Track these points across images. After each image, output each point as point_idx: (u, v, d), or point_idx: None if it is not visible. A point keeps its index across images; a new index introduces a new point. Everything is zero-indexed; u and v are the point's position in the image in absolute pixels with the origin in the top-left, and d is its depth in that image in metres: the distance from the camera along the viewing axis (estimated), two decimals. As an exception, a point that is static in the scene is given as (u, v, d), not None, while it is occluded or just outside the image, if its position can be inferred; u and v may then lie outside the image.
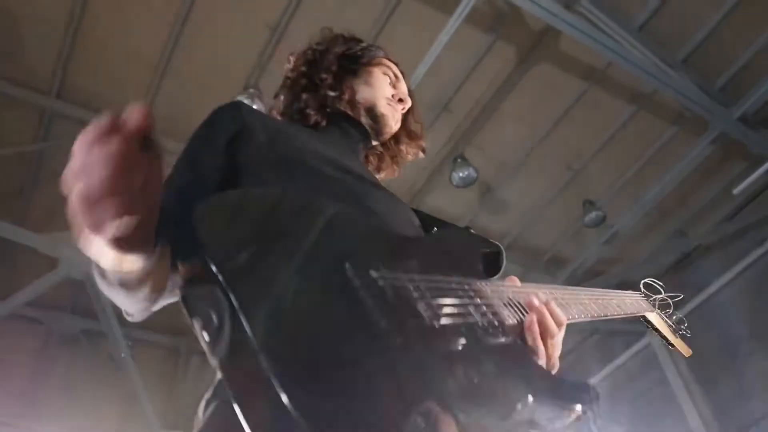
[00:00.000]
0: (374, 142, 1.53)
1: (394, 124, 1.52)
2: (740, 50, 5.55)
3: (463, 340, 0.86)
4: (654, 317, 1.65)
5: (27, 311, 6.49)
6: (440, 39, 4.49)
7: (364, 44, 1.59)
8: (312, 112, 1.45)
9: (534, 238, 7.24)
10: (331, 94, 1.45)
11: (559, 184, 6.64)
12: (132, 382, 5.71)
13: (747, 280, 7.08)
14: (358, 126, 1.47)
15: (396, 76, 1.57)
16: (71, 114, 5.17)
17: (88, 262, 0.90)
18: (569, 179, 6.58)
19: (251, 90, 4.86)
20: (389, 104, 1.51)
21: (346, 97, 1.47)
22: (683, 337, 1.72)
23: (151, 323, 7.58)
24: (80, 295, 5.98)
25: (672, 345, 1.70)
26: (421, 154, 1.65)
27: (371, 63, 1.54)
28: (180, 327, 7.57)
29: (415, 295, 0.85)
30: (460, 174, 5.84)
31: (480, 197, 6.60)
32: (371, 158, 1.59)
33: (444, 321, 0.86)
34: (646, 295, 1.67)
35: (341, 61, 1.50)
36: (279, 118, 1.50)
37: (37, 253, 5.03)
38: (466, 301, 0.95)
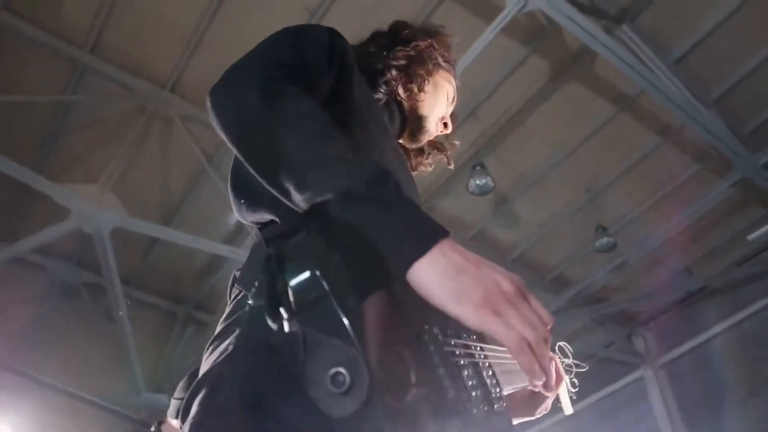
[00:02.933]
0: (413, 145, 1.54)
1: (425, 140, 1.54)
2: (776, 97, 5.52)
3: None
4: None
5: (33, 257, 6.57)
6: (476, 45, 4.48)
7: (447, 53, 1.58)
8: (382, 87, 1.41)
9: (542, 255, 7.23)
10: (410, 86, 1.43)
11: (574, 205, 6.63)
12: (125, 341, 5.75)
13: (746, 329, 7.04)
14: (404, 121, 1.47)
15: (453, 99, 1.57)
16: (102, 70, 5.21)
17: (99, 217, 0.92)
18: (585, 202, 6.56)
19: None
20: (437, 123, 1.51)
21: (413, 93, 1.44)
22: (570, 399, 1.74)
23: (152, 286, 7.64)
24: (87, 248, 6.04)
25: (558, 401, 1.71)
26: (428, 168, 1.65)
27: (442, 75, 1.53)
28: (180, 294, 7.63)
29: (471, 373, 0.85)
30: (478, 182, 5.83)
31: (494, 207, 6.59)
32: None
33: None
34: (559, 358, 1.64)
35: (425, 55, 1.48)
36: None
37: (51, 202, 5.07)
38: (483, 368, 0.91)
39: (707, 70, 5.34)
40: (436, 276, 0.76)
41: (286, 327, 0.67)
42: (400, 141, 1.52)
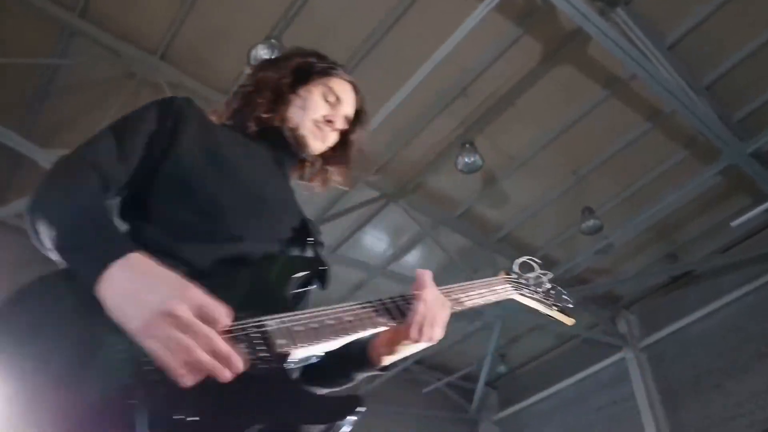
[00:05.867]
0: (303, 155, 1.64)
1: (316, 144, 1.62)
2: (766, 86, 5.52)
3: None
4: (523, 297, 1.71)
5: (18, 222, 6.53)
6: (468, 22, 4.45)
7: (319, 63, 1.68)
8: (249, 124, 1.58)
9: (528, 235, 7.27)
10: (265, 116, 1.57)
11: (562, 186, 6.65)
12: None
13: (728, 314, 7.14)
14: (284, 141, 1.59)
15: (338, 99, 1.65)
16: (91, 34, 5.14)
17: None
18: (573, 184, 6.59)
19: (272, 41, 4.83)
20: (316, 126, 1.60)
21: (280, 115, 1.59)
22: (564, 309, 1.78)
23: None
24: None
25: (551, 317, 1.79)
26: (341, 184, 1.77)
27: (316, 83, 1.65)
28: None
29: None
30: (467, 160, 5.84)
31: (482, 186, 6.61)
32: (305, 167, 1.72)
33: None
34: (518, 276, 1.74)
35: (283, 81, 1.61)
36: (220, 122, 1.62)
37: (37, 167, 5.04)
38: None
39: (699, 57, 5.34)
40: (107, 302, 0.96)
41: None
42: (304, 155, 1.64)
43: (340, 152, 1.71)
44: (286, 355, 1.09)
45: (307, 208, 1.58)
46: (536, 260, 1.77)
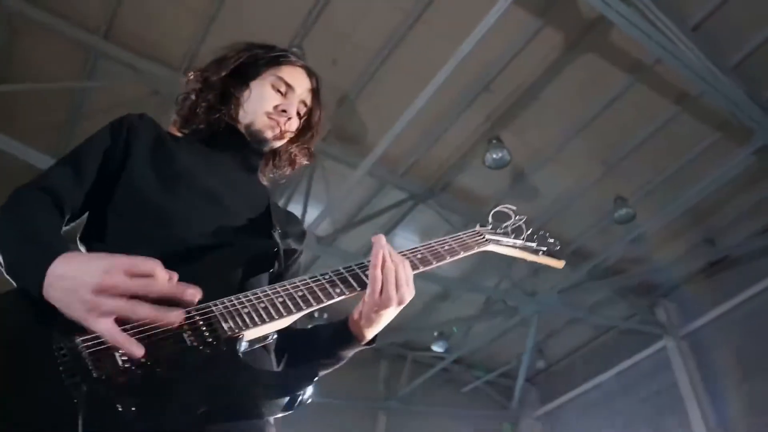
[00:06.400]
0: (264, 148, 1.65)
1: (272, 135, 1.62)
2: (796, 62, 5.40)
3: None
4: (500, 247, 1.64)
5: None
6: (489, 17, 4.43)
7: (266, 54, 1.67)
8: (202, 127, 1.60)
9: (560, 228, 7.19)
10: (213, 117, 1.59)
11: (592, 177, 6.58)
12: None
13: (770, 297, 6.98)
14: (241, 137, 1.60)
15: (289, 86, 1.64)
16: (116, 56, 5.24)
17: None
18: (603, 173, 6.51)
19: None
20: (269, 117, 1.60)
21: (232, 112, 1.60)
22: (551, 252, 1.70)
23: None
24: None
25: (539, 262, 1.72)
26: (307, 161, 1.78)
27: (266, 74, 1.64)
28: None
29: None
30: (494, 156, 5.81)
31: (511, 181, 6.57)
32: (275, 158, 1.74)
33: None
34: (493, 227, 1.67)
35: (231, 77, 1.62)
36: (178, 133, 1.64)
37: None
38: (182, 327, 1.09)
39: (725, 36, 5.23)
40: (56, 304, 1.02)
41: None
42: (266, 148, 1.66)
43: (302, 135, 1.72)
44: (234, 338, 1.11)
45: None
46: (510, 207, 1.67)
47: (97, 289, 1.00)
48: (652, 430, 7.77)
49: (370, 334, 1.40)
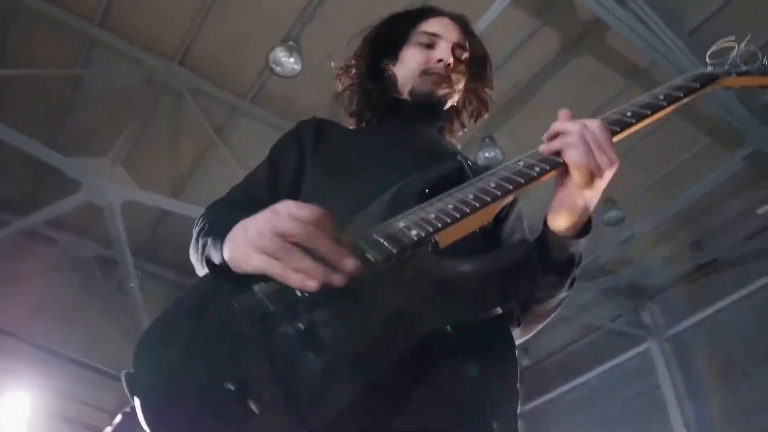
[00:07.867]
0: (439, 110, 1.56)
1: (440, 91, 1.52)
2: (788, 69, 5.43)
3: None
4: (737, 80, 1.35)
5: (45, 230, 6.62)
6: (486, 16, 4.44)
7: (402, 19, 1.64)
8: (366, 112, 1.57)
9: (550, 228, 7.22)
10: (381, 100, 1.54)
11: (583, 178, 6.58)
12: (136, 312, 5.82)
13: (755, 302, 7.04)
14: (413, 108, 1.52)
15: (434, 35, 1.56)
16: (111, 44, 5.20)
17: (110, 190, 0.98)
18: (594, 175, 6.52)
19: (290, 43, 4.85)
20: (427, 74, 1.51)
21: (395, 88, 1.54)
22: None
23: (162, 258, 7.68)
24: (98, 221, 6.08)
25: None
26: (486, 110, 1.69)
27: (410, 38, 1.58)
28: (190, 266, 7.67)
29: None
30: (486, 154, 5.81)
31: (503, 181, 6.56)
32: (453, 117, 1.65)
33: None
34: (713, 66, 1.36)
35: (378, 56, 1.59)
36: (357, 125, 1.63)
37: (62, 175, 5.10)
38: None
39: (720, 42, 5.26)
40: (231, 262, 1.00)
41: None
42: (442, 109, 1.57)
43: (476, 80, 1.63)
44: (424, 241, 0.99)
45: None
46: (730, 39, 1.36)
47: (262, 231, 0.95)
48: (632, 430, 7.82)
49: (573, 229, 1.23)
